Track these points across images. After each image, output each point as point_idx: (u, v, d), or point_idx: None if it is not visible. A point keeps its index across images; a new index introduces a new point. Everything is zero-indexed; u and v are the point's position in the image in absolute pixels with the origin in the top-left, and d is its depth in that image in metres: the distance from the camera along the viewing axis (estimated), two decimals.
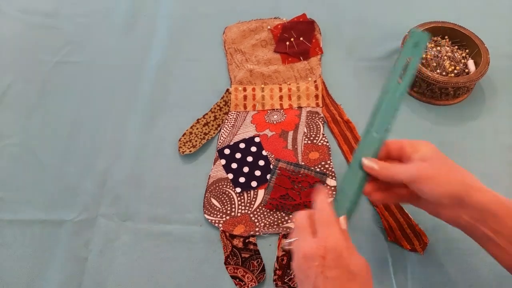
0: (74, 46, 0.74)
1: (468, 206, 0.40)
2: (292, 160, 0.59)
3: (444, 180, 0.41)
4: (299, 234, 0.41)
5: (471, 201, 0.40)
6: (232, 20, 0.76)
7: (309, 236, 0.40)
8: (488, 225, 0.39)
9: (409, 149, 0.44)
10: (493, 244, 0.40)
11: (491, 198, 0.40)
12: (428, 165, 0.42)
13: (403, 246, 0.52)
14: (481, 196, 0.40)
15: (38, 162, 0.61)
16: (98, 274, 0.52)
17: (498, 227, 0.39)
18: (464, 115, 0.63)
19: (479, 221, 0.40)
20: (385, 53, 0.70)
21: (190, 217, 0.55)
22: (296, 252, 0.40)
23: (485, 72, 0.60)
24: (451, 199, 0.41)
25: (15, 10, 0.80)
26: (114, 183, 0.59)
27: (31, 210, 0.57)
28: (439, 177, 0.41)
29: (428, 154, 0.43)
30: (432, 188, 0.41)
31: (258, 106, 0.65)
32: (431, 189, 0.41)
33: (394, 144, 0.45)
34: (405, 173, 0.43)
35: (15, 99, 0.68)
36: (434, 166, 0.42)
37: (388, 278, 0.50)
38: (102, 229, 0.55)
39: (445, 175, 0.41)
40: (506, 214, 0.39)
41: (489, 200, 0.39)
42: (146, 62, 0.71)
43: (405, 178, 0.42)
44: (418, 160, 0.43)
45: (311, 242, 0.39)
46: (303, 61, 0.70)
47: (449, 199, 0.41)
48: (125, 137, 0.63)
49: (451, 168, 0.42)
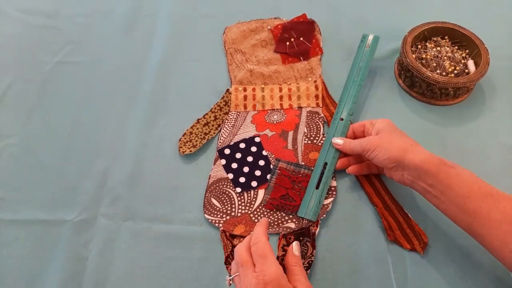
0: (74, 46, 0.74)
1: (406, 167, 0.49)
2: (292, 160, 0.59)
3: (385, 147, 0.50)
4: (239, 269, 0.43)
5: (408, 163, 0.48)
6: (232, 20, 0.76)
7: (249, 270, 0.42)
8: (423, 181, 0.48)
9: (368, 126, 0.55)
10: (430, 195, 0.48)
11: (423, 158, 0.47)
12: (377, 137, 0.52)
13: (403, 246, 0.52)
14: (415, 158, 0.48)
15: (38, 162, 0.61)
16: (98, 274, 0.52)
17: (432, 181, 0.47)
18: (464, 115, 0.63)
19: (416, 178, 0.48)
20: (385, 53, 0.70)
21: (190, 217, 0.55)
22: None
23: (485, 72, 0.60)
24: (392, 162, 0.50)
25: (15, 10, 0.80)
26: (114, 183, 0.59)
27: (31, 210, 0.57)
28: (382, 146, 0.51)
29: (379, 128, 0.53)
30: (376, 155, 0.51)
31: (258, 106, 0.65)
32: (376, 156, 0.51)
33: (358, 125, 0.58)
34: (359, 145, 0.54)
35: (15, 99, 0.68)
36: (381, 137, 0.52)
37: (388, 278, 0.50)
38: (102, 229, 0.55)
39: (387, 143, 0.51)
40: (436, 170, 0.46)
41: (421, 160, 0.47)
42: (146, 62, 0.71)
43: (359, 149, 0.54)
44: (372, 134, 0.54)
45: (251, 277, 0.41)
46: (303, 61, 0.70)
47: (391, 163, 0.50)
48: (125, 137, 0.63)
49: (393, 137, 0.51)
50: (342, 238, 0.53)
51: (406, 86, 0.66)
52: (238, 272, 0.44)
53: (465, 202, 0.44)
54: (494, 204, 0.43)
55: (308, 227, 0.53)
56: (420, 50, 0.65)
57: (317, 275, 0.51)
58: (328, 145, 0.58)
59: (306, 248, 0.52)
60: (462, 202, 0.45)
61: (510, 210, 0.42)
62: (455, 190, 0.45)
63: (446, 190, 0.46)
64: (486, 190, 0.44)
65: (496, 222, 0.42)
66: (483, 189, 0.44)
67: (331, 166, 0.57)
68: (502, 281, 0.49)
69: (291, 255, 0.47)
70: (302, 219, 0.54)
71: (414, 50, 0.65)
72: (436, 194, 0.47)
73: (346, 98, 0.62)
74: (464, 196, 0.45)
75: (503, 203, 0.43)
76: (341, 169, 0.57)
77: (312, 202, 0.55)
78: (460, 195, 0.45)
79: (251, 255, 0.44)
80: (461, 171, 0.46)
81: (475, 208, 0.44)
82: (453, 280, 0.49)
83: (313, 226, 0.53)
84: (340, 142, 0.57)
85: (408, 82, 0.65)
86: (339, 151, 0.58)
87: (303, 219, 0.54)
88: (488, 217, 0.43)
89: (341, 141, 0.57)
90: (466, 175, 0.46)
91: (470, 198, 0.44)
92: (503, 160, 0.58)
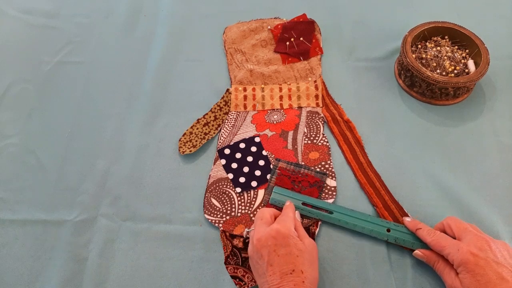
0: (74, 46, 0.74)
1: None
2: (292, 160, 0.59)
3: (481, 277, 0.42)
4: (257, 224, 0.48)
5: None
6: (232, 20, 0.76)
7: (264, 226, 0.48)
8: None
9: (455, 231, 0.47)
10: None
11: None
12: (473, 260, 0.43)
13: (403, 246, 0.52)
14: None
15: (38, 162, 0.61)
16: (98, 274, 0.52)
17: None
18: (464, 115, 0.63)
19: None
20: (385, 53, 0.70)
21: (190, 217, 0.55)
22: (252, 238, 0.47)
23: (485, 72, 0.60)
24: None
25: (15, 10, 0.80)
26: (114, 183, 0.59)
27: (31, 210, 0.57)
28: (478, 273, 0.42)
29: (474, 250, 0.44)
30: (470, 282, 0.42)
31: (258, 106, 0.65)
32: (470, 283, 0.42)
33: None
34: (454, 256, 0.45)
35: (15, 99, 0.68)
36: (478, 264, 0.43)
37: (388, 278, 0.50)
38: (102, 229, 0.55)
39: (483, 274, 0.42)
40: None
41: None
42: (146, 62, 0.71)
43: (454, 262, 0.45)
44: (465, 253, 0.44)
45: (265, 228, 0.47)
46: (303, 61, 0.70)
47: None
48: (125, 137, 0.63)
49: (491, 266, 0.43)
50: (342, 238, 0.53)
51: (406, 86, 0.66)
52: (254, 227, 0.48)
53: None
54: None
55: (308, 227, 0.53)
56: (420, 50, 0.65)
57: None
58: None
59: None
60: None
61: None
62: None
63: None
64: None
65: None
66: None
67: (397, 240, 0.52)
68: None
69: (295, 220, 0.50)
70: (302, 219, 0.54)
71: (414, 50, 0.65)
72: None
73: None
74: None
75: None
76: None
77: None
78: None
79: (273, 220, 0.49)
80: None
81: None
82: None
83: (313, 226, 0.53)
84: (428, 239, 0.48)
85: (408, 82, 0.65)
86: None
87: (303, 218, 0.54)
88: None
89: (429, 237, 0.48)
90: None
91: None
92: (503, 160, 0.58)
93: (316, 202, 0.54)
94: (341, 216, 0.53)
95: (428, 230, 0.48)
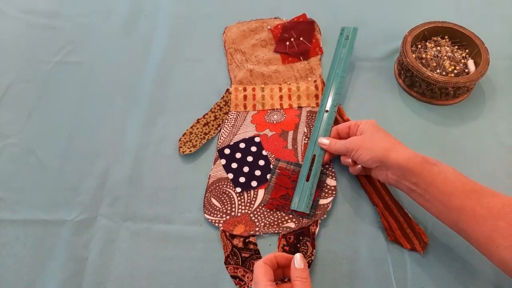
0: (74, 46, 0.74)
1: (389, 167, 0.49)
2: (292, 160, 0.59)
3: (368, 147, 0.51)
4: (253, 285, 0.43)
5: (391, 162, 0.48)
6: (232, 20, 0.76)
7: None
8: (407, 179, 0.48)
9: (353, 127, 0.55)
10: (415, 194, 0.48)
11: (406, 157, 0.47)
12: (360, 137, 0.53)
13: (403, 246, 0.52)
14: (398, 157, 0.48)
15: (38, 162, 0.61)
16: (98, 274, 0.52)
17: (415, 179, 0.47)
18: (464, 115, 0.63)
19: (400, 177, 0.48)
20: (385, 53, 0.70)
21: (190, 217, 0.55)
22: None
23: (485, 72, 0.60)
24: (376, 162, 0.50)
25: (15, 10, 0.80)
26: (114, 183, 0.59)
27: (31, 210, 0.57)
28: (365, 146, 0.51)
29: (363, 128, 0.53)
30: (360, 156, 0.51)
31: (258, 106, 0.65)
32: (360, 156, 0.51)
33: (343, 126, 0.57)
34: (343, 145, 0.54)
35: (15, 99, 0.68)
36: (364, 137, 0.52)
37: (388, 278, 0.50)
38: (102, 229, 0.55)
39: (370, 143, 0.51)
40: (419, 169, 0.46)
41: (404, 159, 0.47)
42: (146, 62, 0.71)
43: (344, 149, 0.54)
44: (356, 135, 0.54)
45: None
46: (303, 61, 0.70)
47: (375, 163, 0.50)
48: (125, 137, 0.63)
49: (376, 137, 0.51)
50: (342, 238, 0.53)
51: (406, 86, 0.66)
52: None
53: (449, 199, 0.44)
54: (478, 200, 0.43)
55: (308, 227, 0.53)
56: (420, 50, 0.65)
57: (317, 275, 0.51)
58: (316, 138, 0.59)
59: (306, 248, 0.52)
60: (446, 199, 0.44)
61: (494, 206, 0.42)
62: (438, 187, 0.45)
63: (430, 188, 0.46)
64: (470, 187, 0.44)
65: (481, 218, 0.42)
66: (467, 186, 0.44)
67: (319, 157, 0.57)
68: (502, 281, 0.49)
69: (293, 268, 0.44)
70: (302, 218, 0.54)
71: (414, 50, 0.65)
72: (421, 192, 0.47)
73: (329, 90, 0.63)
74: (448, 193, 0.44)
75: (487, 198, 0.43)
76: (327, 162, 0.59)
77: (304, 195, 0.55)
78: (444, 192, 0.45)
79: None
80: (444, 168, 0.46)
81: (459, 205, 0.43)
82: (453, 280, 0.49)
83: (313, 226, 0.53)
84: (326, 142, 0.57)
85: (408, 82, 0.65)
86: None
87: (303, 218, 0.54)
88: (473, 213, 0.42)
89: (327, 141, 0.57)
90: (449, 172, 0.46)
91: (454, 195, 0.44)
92: (503, 160, 0.58)
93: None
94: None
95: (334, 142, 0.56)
